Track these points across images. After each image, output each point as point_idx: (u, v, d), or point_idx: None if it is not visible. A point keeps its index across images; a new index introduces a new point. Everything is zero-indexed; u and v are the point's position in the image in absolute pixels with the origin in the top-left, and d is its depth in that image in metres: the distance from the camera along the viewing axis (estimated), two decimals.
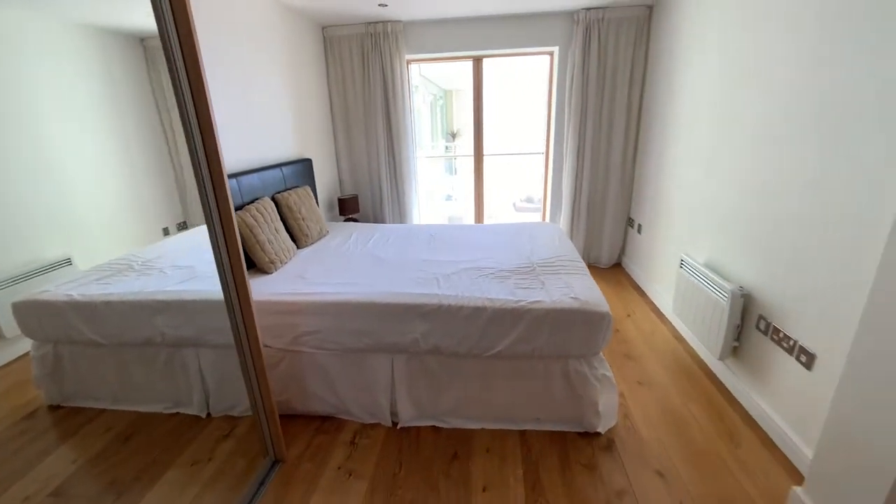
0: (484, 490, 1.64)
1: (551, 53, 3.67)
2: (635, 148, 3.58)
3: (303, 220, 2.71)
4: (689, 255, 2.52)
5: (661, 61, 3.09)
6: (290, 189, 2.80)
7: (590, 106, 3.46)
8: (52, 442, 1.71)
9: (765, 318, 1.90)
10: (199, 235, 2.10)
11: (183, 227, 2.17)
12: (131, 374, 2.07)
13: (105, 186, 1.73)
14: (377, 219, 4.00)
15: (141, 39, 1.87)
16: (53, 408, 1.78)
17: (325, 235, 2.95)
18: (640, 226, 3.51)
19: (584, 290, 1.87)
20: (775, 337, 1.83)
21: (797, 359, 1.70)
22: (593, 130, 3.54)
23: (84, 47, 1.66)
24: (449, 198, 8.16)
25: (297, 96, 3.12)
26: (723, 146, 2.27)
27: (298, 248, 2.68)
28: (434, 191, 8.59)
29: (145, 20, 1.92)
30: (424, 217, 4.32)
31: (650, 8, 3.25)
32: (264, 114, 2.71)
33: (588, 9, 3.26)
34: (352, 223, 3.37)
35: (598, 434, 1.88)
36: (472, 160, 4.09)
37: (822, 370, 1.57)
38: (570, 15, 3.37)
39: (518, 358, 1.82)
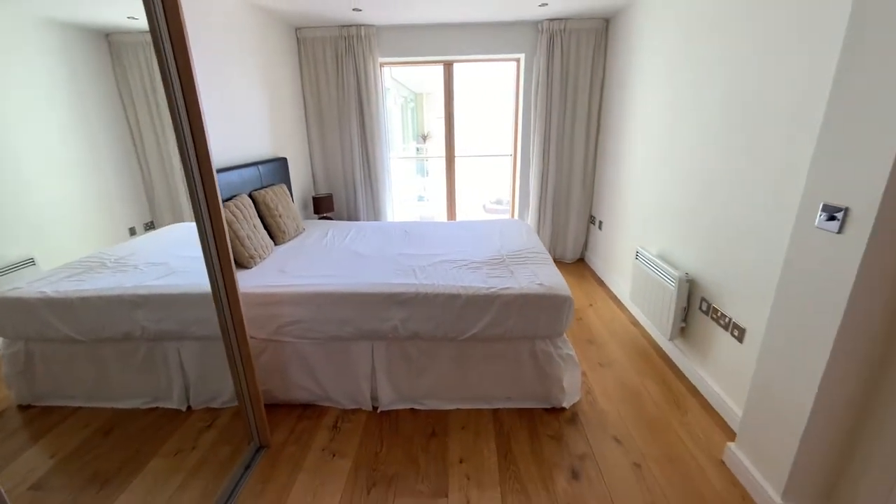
0: (461, 462, 1.77)
1: (518, 60, 3.88)
2: (595, 150, 3.84)
3: (280, 217, 2.76)
4: (644, 247, 2.76)
5: (617, 70, 3.35)
6: (266, 187, 2.85)
7: (554, 110, 3.69)
8: (24, 440, 1.72)
9: (706, 300, 2.14)
10: (171, 233, 2.15)
11: (150, 226, 2.19)
12: (108, 371, 2.08)
13: (69, 185, 1.71)
14: (352, 217, 4.08)
15: (106, 35, 1.89)
16: (23, 407, 1.78)
17: (301, 232, 3.01)
18: (600, 222, 3.77)
19: (548, 278, 2.05)
20: (714, 316, 2.07)
21: (731, 334, 1.94)
22: (557, 134, 3.77)
23: (46, 42, 1.66)
24: (421, 198, 8.29)
25: (271, 96, 3.17)
26: (668, 148, 2.52)
27: (276, 244, 2.73)
28: (406, 191, 8.70)
29: (109, 15, 1.94)
30: (398, 216, 4.43)
31: (607, 21, 3.51)
32: (240, 112, 2.75)
33: (551, 19, 3.48)
34: (327, 221, 3.44)
35: (563, 409, 2.06)
36: (443, 161, 4.24)
37: (751, 342, 1.81)
38: (535, 25, 3.59)
39: (490, 340, 1.98)
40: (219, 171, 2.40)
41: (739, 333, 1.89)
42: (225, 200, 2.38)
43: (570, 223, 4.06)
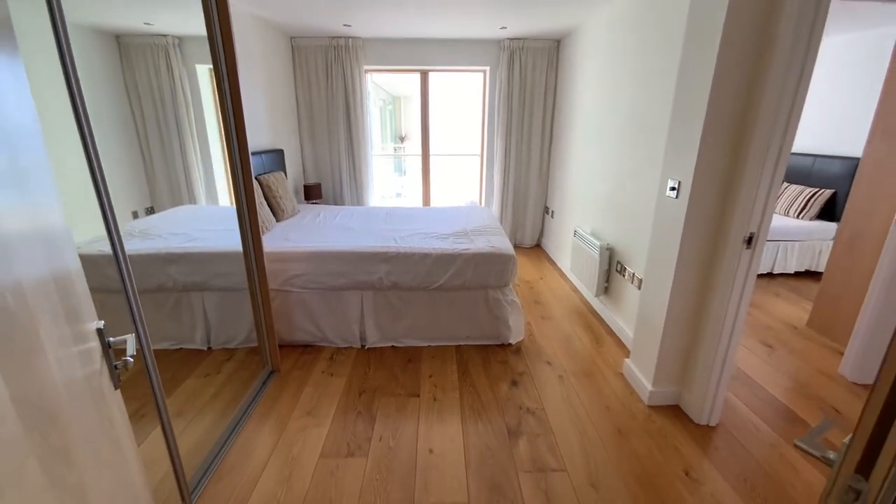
0: (430, 376, 2.35)
1: (484, 72, 4.51)
2: (549, 150, 4.51)
3: (280, 198, 3.27)
4: (580, 227, 3.42)
5: (564, 83, 4.03)
6: (268, 173, 3.35)
7: (514, 116, 4.34)
8: None
9: (620, 263, 2.80)
10: (180, 212, 2.64)
11: (150, 210, 2.67)
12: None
13: (81, 173, 2.18)
14: (338, 204, 4.59)
15: (116, 36, 2.36)
16: None
17: (297, 213, 3.52)
18: (553, 212, 4.44)
19: (499, 243, 2.65)
20: (624, 274, 2.73)
21: (634, 284, 2.60)
22: (517, 136, 4.41)
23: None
24: (399, 195, 8.83)
25: (269, 95, 3.66)
26: (596, 147, 3.19)
27: (277, 221, 3.23)
28: (385, 188, 9.22)
29: (126, 20, 2.37)
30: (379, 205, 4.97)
31: (558, 42, 4.19)
32: (249, 109, 3.24)
33: (511, 39, 4.13)
34: (318, 206, 3.95)
35: (510, 345, 2.66)
36: (420, 160, 4.82)
37: (645, 287, 2.47)
38: (498, 43, 4.22)
39: (453, 289, 2.56)
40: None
41: (638, 283, 2.55)
42: None
43: (528, 213, 4.71)
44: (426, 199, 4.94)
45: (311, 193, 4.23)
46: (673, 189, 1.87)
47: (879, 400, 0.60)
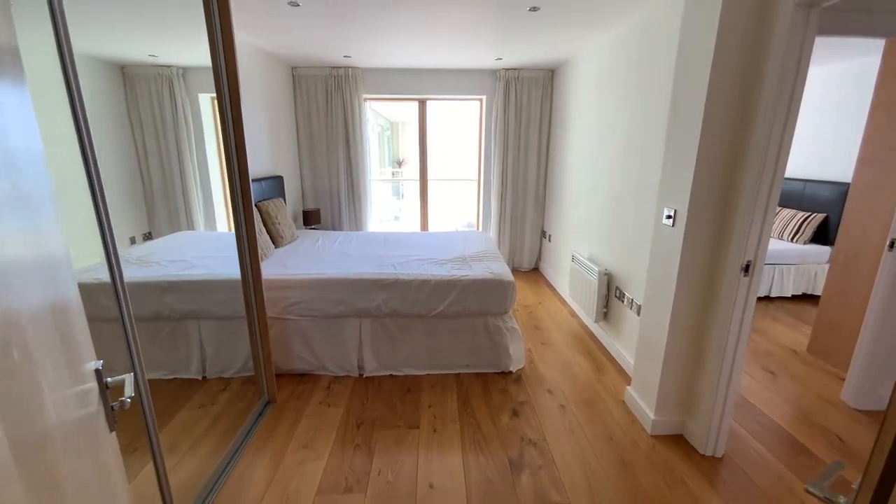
0: (430, 407, 2.30)
1: (480, 100, 4.63)
2: (545, 175, 4.58)
3: (279, 224, 3.28)
4: (578, 252, 3.44)
5: (559, 112, 4.13)
6: (267, 199, 3.37)
7: (510, 143, 4.42)
8: None
9: (619, 288, 2.81)
10: (179, 238, 2.64)
11: (148, 236, 2.67)
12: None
13: (80, 199, 2.19)
14: (337, 229, 4.61)
15: (121, 67, 2.41)
16: None
17: (295, 239, 3.53)
18: (550, 235, 4.47)
19: (498, 269, 2.66)
20: (623, 300, 2.73)
21: (633, 310, 2.60)
22: (513, 162, 4.49)
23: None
24: (397, 218, 8.88)
25: (270, 122, 3.73)
26: (592, 174, 3.25)
27: (276, 247, 3.23)
28: (383, 211, 9.29)
29: (132, 52, 2.43)
30: (377, 230, 4.99)
31: (552, 71, 4.32)
32: (249, 137, 3.29)
33: (507, 69, 4.25)
34: (316, 230, 3.96)
35: (510, 372, 2.63)
36: (418, 185, 4.87)
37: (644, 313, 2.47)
38: (494, 73, 4.35)
39: (453, 317, 2.55)
40: None
41: (637, 309, 2.55)
42: None
43: (525, 237, 4.74)
44: (424, 224, 4.97)
45: (311, 219, 4.24)
46: (669, 217, 1.90)
47: (886, 444, 0.60)
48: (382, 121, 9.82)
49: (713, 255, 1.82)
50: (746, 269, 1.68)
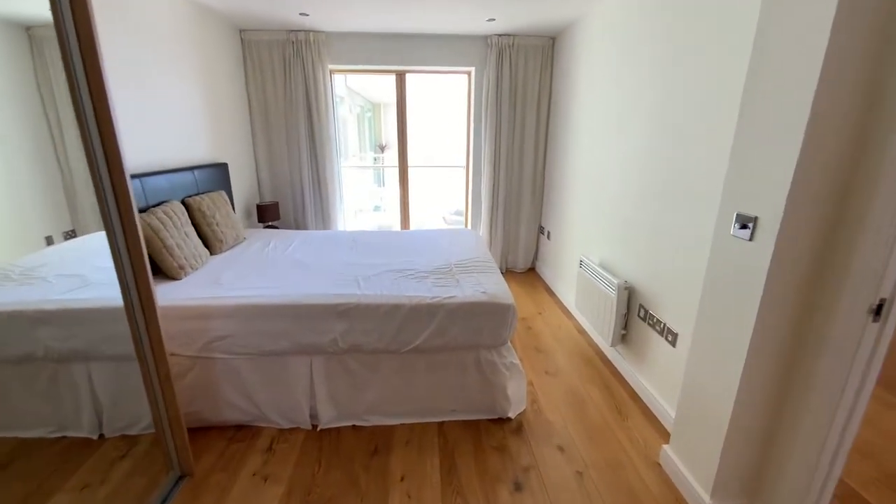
0: (402, 479, 1.71)
1: (469, 73, 3.95)
2: (544, 162, 3.96)
3: (216, 225, 2.60)
4: (587, 256, 2.85)
5: (562, 86, 3.48)
6: (203, 193, 2.68)
7: (503, 123, 3.77)
8: None
9: (644, 307, 2.23)
10: (92, 242, 1.96)
11: (71, 234, 2.00)
12: (6, 396, 1.85)
13: None
14: (299, 227, 3.93)
15: (26, 28, 1.74)
16: None
17: (241, 242, 2.85)
18: (549, 232, 3.87)
19: (493, 286, 2.05)
20: (650, 322, 2.15)
21: (665, 338, 2.02)
22: (507, 146, 3.85)
23: None
24: (377, 208, 8.18)
25: (211, 99, 3.01)
26: (606, 161, 2.63)
27: (212, 254, 2.56)
28: (364, 201, 8.57)
29: (30, 7, 1.81)
30: (351, 226, 4.33)
31: (553, 39, 3.65)
32: (173, 114, 2.59)
33: (500, 35, 3.57)
34: (271, 230, 3.29)
35: (508, 419, 2.04)
36: (397, 172, 4.21)
37: (683, 346, 1.89)
38: (485, 39, 3.67)
39: (434, 351, 1.94)
40: (143, 174, 2.23)
41: (672, 338, 1.97)
42: (151, 207, 2.20)
43: (520, 233, 4.14)
44: (405, 217, 4.32)
45: (267, 215, 3.56)
46: (745, 227, 1.30)
47: None
48: (362, 101, 9.01)
49: (818, 287, 1.23)
50: (878, 310, 1.10)
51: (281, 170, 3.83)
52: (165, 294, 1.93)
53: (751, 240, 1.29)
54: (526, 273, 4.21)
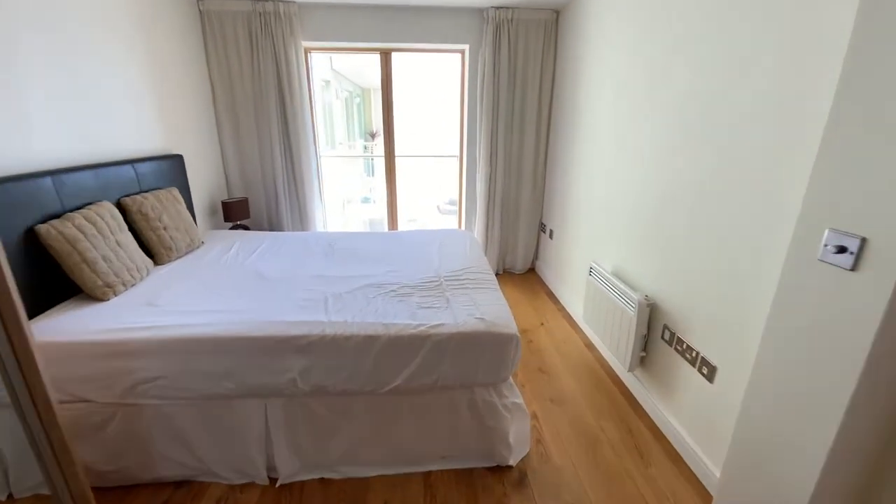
0: None
1: (462, 52, 3.52)
2: (546, 152, 3.56)
3: (164, 229, 2.20)
4: (598, 262, 2.48)
5: (568, 67, 3.07)
6: (147, 191, 2.27)
7: (501, 108, 3.36)
8: None
9: (669, 328, 1.87)
10: None
11: None
12: None
13: None
14: (273, 226, 3.53)
15: None
16: None
17: (197, 247, 2.45)
18: (551, 231, 3.49)
19: (491, 309, 1.67)
20: (679, 348, 1.80)
21: (700, 371, 1.67)
22: (505, 133, 3.45)
23: None
24: (367, 199, 7.75)
25: (160, 79, 2.57)
26: (622, 152, 2.25)
27: (158, 263, 2.17)
28: (353, 192, 8.13)
29: None
30: (331, 223, 3.94)
31: (557, 13, 3.23)
32: (106, 97, 2.15)
33: (497, 7, 3.14)
34: (237, 232, 2.88)
35: (509, 468, 1.69)
36: (383, 162, 3.81)
37: (724, 383, 1.54)
38: (480, 12, 3.23)
39: (419, 392, 1.57)
40: (58, 171, 1.80)
41: (709, 371, 1.62)
42: (69, 211, 1.79)
43: (519, 231, 3.76)
44: (391, 216, 3.93)
45: (235, 213, 3.15)
46: (843, 251, 0.93)
47: None
48: (350, 86, 8.50)
49: None
50: None
51: (251, 162, 3.40)
52: (82, 323, 1.54)
53: (853, 269, 0.92)
54: (525, 275, 3.84)
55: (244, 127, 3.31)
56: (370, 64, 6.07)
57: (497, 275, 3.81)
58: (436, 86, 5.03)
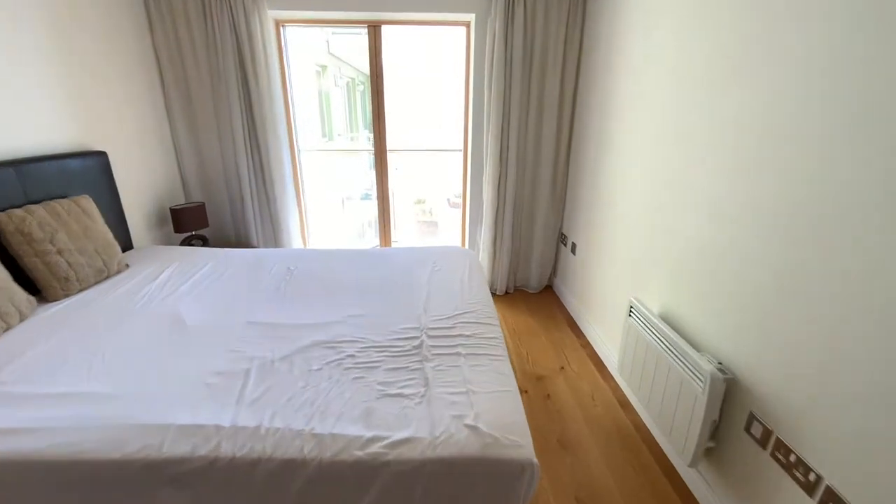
0: None
1: (467, 24, 2.87)
2: (569, 148, 2.91)
3: (57, 253, 1.65)
4: (641, 299, 1.85)
5: (600, 43, 2.41)
6: (37, 203, 1.72)
7: (514, 94, 2.72)
8: None
9: (759, 420, 1.25)
10: None
11: None
12: None
13: None
14: (240, 237, 2.97)
15: None
16: None
17: (115, 274, 1.90)
18: (574, 245, 2.86)
19: (492, 406, 1.07)
20: (777, 453, 1.18)
21: (810, 494, 1.05)
22: (519, 124, 2.81)
23: None
24: (367, 196, 7.17)
25: (75, 54, 2.00)
26: (681, 158, 1.61)
27: (48, 300, 1.62)
28: (354, 189, 7.57)
29: None
30: (317, 227, 3.39)
31: None
32: None
33: None
34: (182, 249, 2.31)
35: None
36: (372, 158, 3.21)
37: None
38: None
39: None
40: None
41: (822, 492, 1.00)
42: None
43: (534, 241, 3.13)
44: (383, 218, 3.34)
45: (188, 222, 2.59)
46: None
47: None
48: (352, 72, 7.87)
49: None
50: None
51: (212, 159, 2.84)
52: None
53: None
54: (541, 294, 3.22)
55: (202, 116, 2.73)
56: (364, 42, 5.43)
57: (507, 293, 3.20)
58: (434, 67, 4.37)
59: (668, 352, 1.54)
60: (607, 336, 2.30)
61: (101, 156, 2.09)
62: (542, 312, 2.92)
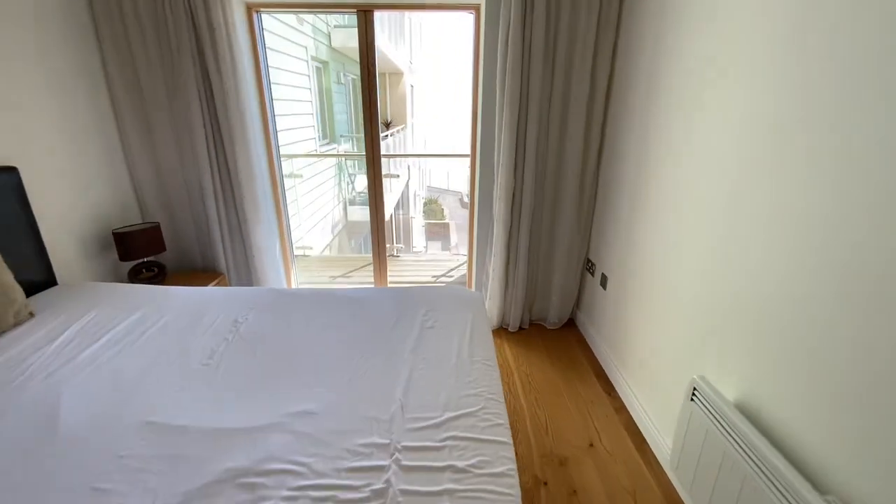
0: None
1: (476, 8, 2.38)
2: (599, 160, 2.39)
3: None
4: (707, 377, 1.33)
5: (644, 27, 1.88)
6: None
7: (532, 94, 2.21)
8: None
9: None
10: None
11: None
12: None
13: None
14: (207, 262, 2.53)
15: None
16: None
17: (9, 328, 1.46)
18: (604, 277, 2.34)
19: None
20: None
21: None
22: (538, 130, 2.30)
23: None
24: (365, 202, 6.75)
25: None
26: (763, 178, 1.08)
27: None
28: (355, 194, 7.17)
29: None
30: (300, 251, 2.93)
31: None
32: None
33: None
34: (112, 287, 1.84)
35: None
36: (364, 166, 2.75)
37: None
38: None
39: None
40: None
41: None
42: None
43: (554, 269, 2.62)
44: (376, 232, 2.87)
45: (137, 247, 2.15)
46: None
47: None
48: (358, 69, 7.44)
49: None
50: None
51: (171, 172, 2.40)
52: None
53: None
54: (562, 331, 2.71)
55: (157, 121, 2.30)
56: (382, 41, 4.96)
57: (521, 329, 2.70)
58: (439, 60, 3.88)
59: (760, 474, 1.03)
60: (649, 403, 1.78)
61: (9, 172, 1.66)
62: (563, 357, 2.41)
